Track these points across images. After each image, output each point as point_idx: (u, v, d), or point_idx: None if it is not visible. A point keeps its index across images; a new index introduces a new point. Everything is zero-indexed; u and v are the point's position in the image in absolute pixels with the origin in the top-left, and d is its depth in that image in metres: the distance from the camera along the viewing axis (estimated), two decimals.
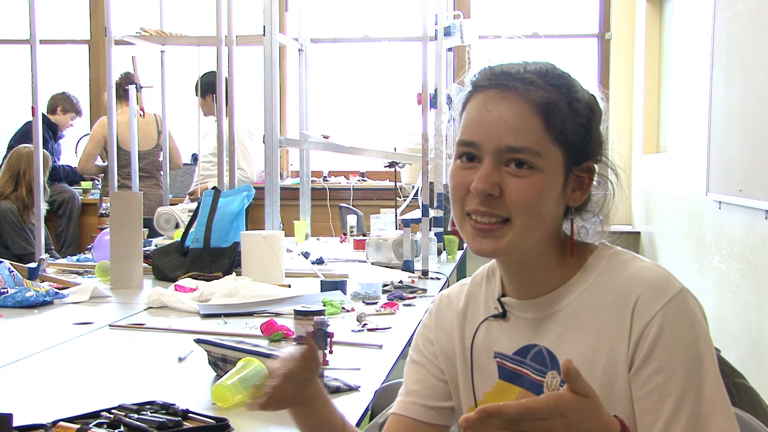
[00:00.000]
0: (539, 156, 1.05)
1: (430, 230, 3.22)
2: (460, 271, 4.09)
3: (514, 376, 1.14)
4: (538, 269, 1.12)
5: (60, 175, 5.70)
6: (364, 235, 4.09)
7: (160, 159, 4.72)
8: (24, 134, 5.52)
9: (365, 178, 6.07)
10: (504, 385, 1.14)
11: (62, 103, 5.70)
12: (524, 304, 1.14)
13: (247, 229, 3.20)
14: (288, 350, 1.16)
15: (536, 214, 1.06)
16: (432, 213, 3.37)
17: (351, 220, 4.42)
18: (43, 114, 5.65)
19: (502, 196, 1.05)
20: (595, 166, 1.12)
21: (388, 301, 2.50)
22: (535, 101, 1.06)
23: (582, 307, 1.09)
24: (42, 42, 3.53)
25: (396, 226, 4.06)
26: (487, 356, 1.17)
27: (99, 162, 5.05)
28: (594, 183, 1.13)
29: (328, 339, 1.73)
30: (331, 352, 1.75)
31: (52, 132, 5.67)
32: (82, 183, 5.99)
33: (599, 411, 0.92)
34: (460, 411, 1.20)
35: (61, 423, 1.28)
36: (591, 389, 0.91)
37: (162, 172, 4.62)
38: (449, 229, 3.66)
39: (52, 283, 2.68)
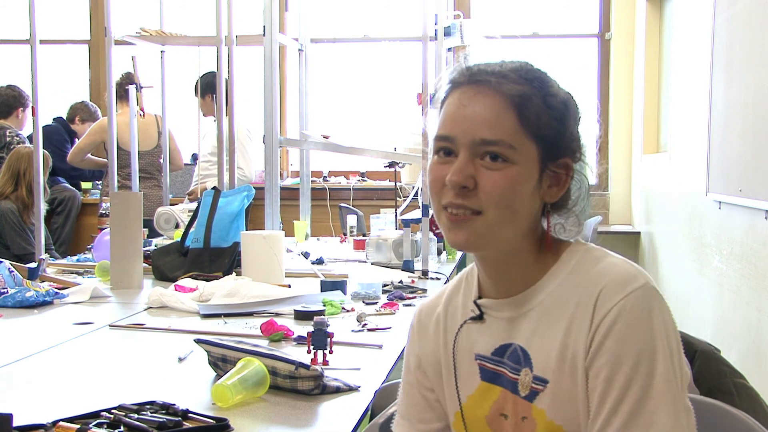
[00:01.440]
0: (513, 149, 1.06)
1: (430, 230, 3.22)
2: (460, 271, 4.09)
3: (494, 377, 1.14)
4: (515, 266, 1.13)
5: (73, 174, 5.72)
6: (364, 235, 4.09)
7: (161, 160, 4.72)
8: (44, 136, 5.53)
9: (365, 178, 6.07)
10: (486, 386, 1.15)
11: (80, 112, 5.73)
12: (500, 304, 1.14)
13: (247, 229, 3.20)
14: None
15: (509, 206, 1.07)
16: (432, 213, 3.37)
17: (351, 220, 4.42)
18: (63, 120, 5.70)
19: (476, 188, 1.07)
20: (574, 164, 1.13)
21: (388, 301, 2.50)
22: (508, 95, 1.07)
23: (553, 304, 1.10)
24: (42, 42, 3.52)
25: (396, 226, 4.06)
26: (468, 359, 1.17)
27: (92, 156, 5.07)
28: (573, 180, 1.13)
29: (328, 339, 1.73)
30: (331, 352, 1.75)
31: (71, 138, 5.71)
32: (83, 183, 5.99)
33: None
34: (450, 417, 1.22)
35: (61, 423, 1.28)
36: None
37: (162, 173, 4.62)
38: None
39: (52, 283, 2.68)
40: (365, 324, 2.16)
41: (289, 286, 2.71)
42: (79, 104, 5.78)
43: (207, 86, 4.47)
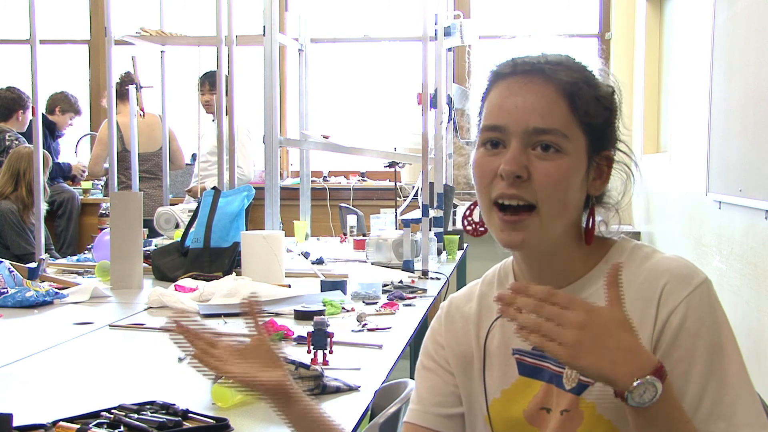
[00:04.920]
0: (566, 138, 1.06)
1: (430, 230, 3.22)
2: (460, 271, 4.09)
3: (534, 371, 1.13)
4: (559, 260, 1.12)
5: (55, 173, 5.69)
6: (364, 235, 4.09)
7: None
8: (24, 133, 5.52)
9: (365, 178, 6.07)
10: (524, 380, 1.14)
11: (60, 103, 5.68)
12: None
13: (247, 229, 3.20)
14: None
15: (562, 199, 1.06)
16: (432, 213, 3.37)
17: (351, 220, 4.42)
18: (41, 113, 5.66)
19: (529, 179, 1.05)
20: (615, 157, 1.13)
21: (388, 301, 2.50)
22: (560, 84, 1.07)
23: (603, 299, 1.09)
24: (42, 42, 3.53)
25: (396, 226, 4.06)
26: (503, 354, 1.16)
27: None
28: (618, 174, 1.14)
29: (328, 339, 1.73)
30: (331, 352, 1.75)
31: (50, 131, 5.65)
32: (82, 183, 5.99)
33: (627, 329, 0.94)
34: (473, 416, 1.19)
35: (61, 423, 1.28)
36: (623, 310, 0.95)
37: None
38: (449, 229, 3.66)
39: (52, 283, 2.68)
40: (365, 324, 2.16)
41: (289, 286, 2.71)
42: (59, 94, 5.69)
43: (213, 83, 4.47)
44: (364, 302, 2.49)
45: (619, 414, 1.05)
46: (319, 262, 3.31)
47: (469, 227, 1.18)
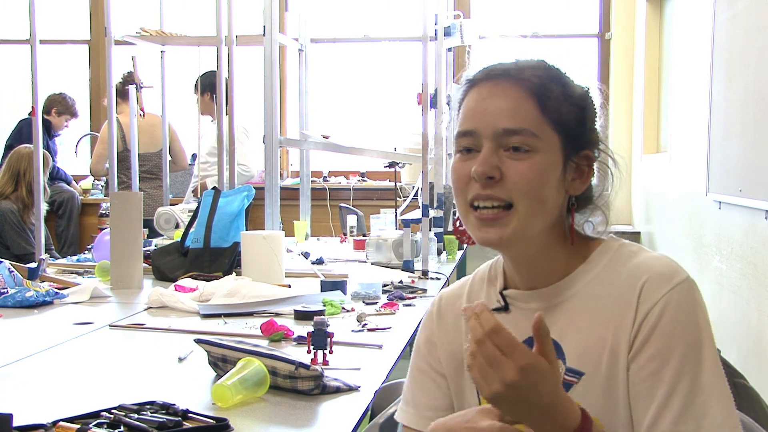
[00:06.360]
0: (537, 138, 1.07)
1: (430, 230, 3.22)
2: (460, 271, 4.09)
3: None
4: (543, 260, 1.12)
5: (53, 175, 5.69)
6: (364, 235, 4.09)
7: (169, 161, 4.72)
8: (20, 132, 5.52)
9: (365, 178, 6.07)
10: None
11: (57, 104, 5.67)
12: (529, 295, 1.14)
13: (247, 229, 3.20)
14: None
15: (538, 197, 1.07)
16: (432, 213, 3.37)
17: (351, 220, 4.42)
18: None
19: (503, 180, 1.06)
20: (596, 157, 1.13)
21: (388, 301, 2.50)
22: (528, 85, 1.08)
23: (589, 297, 1.10)
24: (42, 42, 3.53)
25: (396, 226, 4.06)
26: None
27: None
28: (594, 173, 1.14)
29: (328, 339, 1.73)
30: (331, 352, 1.75)
31: (47, 130, 5.64)
32: (82, 183, 5.98)
33: (550, 382, 0.96)
34: (462, 409, 1.20)
35: (61, 423, 1.28)
36: (549, 362, 0.97)
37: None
38: (449, 229, 3.66)
39: (52, 283, 2.68)
40: (365, 324, 2.16)
41: (289, 286, 2.71)
42: (57, 96, 5.67)
43: (207, 85, 4.47)
44: (364, 302, 2.49)
45: (603, 411, 1.06)
46: (319, 262, 3.31)
47: (461, 237, 1.19)
